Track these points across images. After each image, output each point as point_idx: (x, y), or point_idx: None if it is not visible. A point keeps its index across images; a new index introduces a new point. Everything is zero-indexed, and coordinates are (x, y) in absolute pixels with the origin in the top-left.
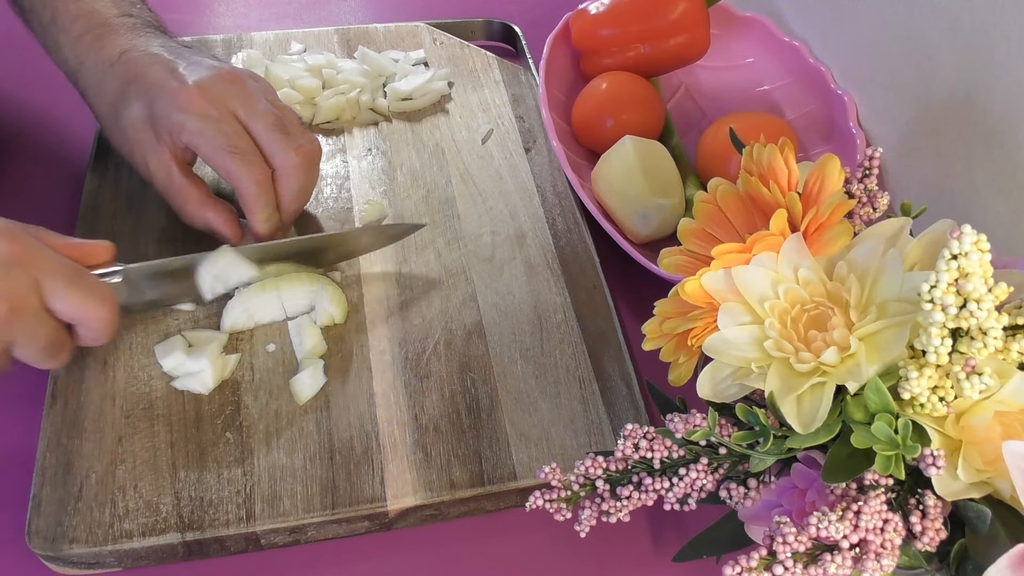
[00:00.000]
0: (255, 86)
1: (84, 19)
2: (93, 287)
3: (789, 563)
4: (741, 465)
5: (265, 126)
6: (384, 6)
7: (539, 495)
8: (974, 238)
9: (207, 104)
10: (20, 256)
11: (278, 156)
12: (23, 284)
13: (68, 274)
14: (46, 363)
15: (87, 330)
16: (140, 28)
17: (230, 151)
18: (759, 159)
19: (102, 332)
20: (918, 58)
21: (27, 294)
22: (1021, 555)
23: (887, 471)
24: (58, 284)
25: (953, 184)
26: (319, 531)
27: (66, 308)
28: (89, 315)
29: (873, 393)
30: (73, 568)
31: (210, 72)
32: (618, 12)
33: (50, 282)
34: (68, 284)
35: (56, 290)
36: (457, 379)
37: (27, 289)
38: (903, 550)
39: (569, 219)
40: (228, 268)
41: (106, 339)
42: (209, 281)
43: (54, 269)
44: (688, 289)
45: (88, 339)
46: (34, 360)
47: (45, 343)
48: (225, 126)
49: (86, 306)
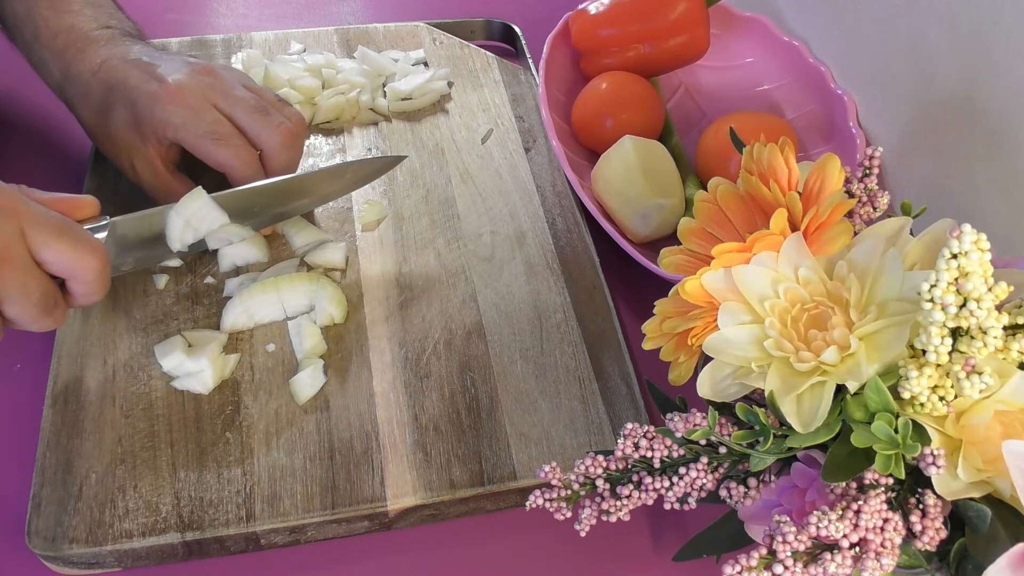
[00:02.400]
0: (230, 75)
1: (64, 34)
2: (82, 237)
3: (789, 562)
4: (741, 464)
5: (244, 110)
6: (384, 6)
7: (539, 494)
8: (974, 237)
9: (187, 98)
10: (4, 207)
11: (262, 136)
12: (8, 235)
13: (56, 224)
14: (40, 321)
15: (79, 283)
16: (119, 38)
17: (213, 138)
18: (759, 158)
19: (94, 285)
20: (918, 58)
21: (13, 244)
22: (1021, 554)
23: (887, 470)
24: (46, 234)
25: (953, 184)
26: (319, 531)
27: (55, 259)
28: (80, 265)
29: (873, 392)
30: (73, 568)
31: (186, 69)
32: (618, 12)
33: (37, 232)
34: (56, 234)
35: (44, 240)
36: (457, 379)
37: (13, 239)
38: (903, 549)
39: (569, 219)
40: (199, 212)
41: (99, 295)
42: (180, 227)
43: (41, 220)
44: (688, 288)
45: (81, 295)
46: (27, 318)
47: (37, 297)
48: (206, 115)
49: (76, 256)
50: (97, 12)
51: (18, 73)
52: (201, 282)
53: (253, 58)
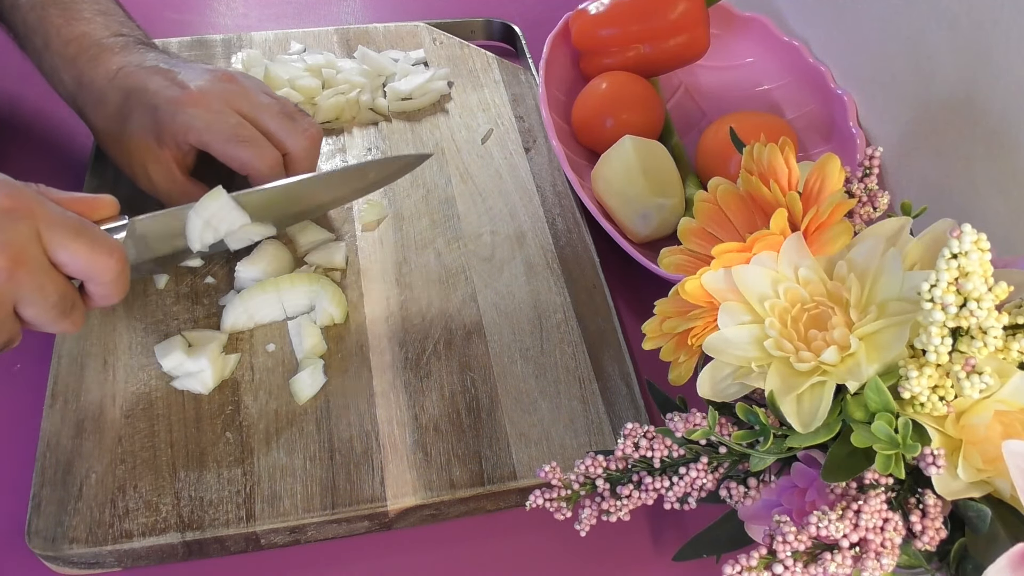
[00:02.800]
0: (250, 83)
1: (76, 42)
2: (99, 238)
3: (789, 562)
4: (741, 464)
5: (271, 115)
6: (384, 6)
7: (539, 494)
8: (974, 237)
9: (209, 102)
10: (20, 208)
11: (289, 141)
12: (24, 235)
13: (72, 225)
14: (58, 323)
15: (97, 285)
16: (132, 46)
17: (239, 139)
18: (759, 158)
19: (113, 286)
20: (918, 58)
21: (29, 245)
22: (1021, 554)
23: (887, 470)
24: (62, 235)
25: (953, 184)
26: (319, 531)
27: (72, 260)
28: (97, 267)
29: (873, 392)
30: (73, 568)
31: (208, 75)
32: (618, 12)
33: (53, 233)
34: (73, 235)
35: (60, 241)
36: (457, 379)
37: (28, 241)
38: (903, 549)
39: (569, 219)
40: (220, 213)
41: (118, 296)
42: (199, 227)
43: (57, 220)
44: (688, 288)
45: (99, 296)
46: (45, 320)
47: (55, 299)
48: (230, 118)
49: (93, 257)
50: (108, 20)
51: (18, 74)
52: (201, 282)
53: (253, 58)
